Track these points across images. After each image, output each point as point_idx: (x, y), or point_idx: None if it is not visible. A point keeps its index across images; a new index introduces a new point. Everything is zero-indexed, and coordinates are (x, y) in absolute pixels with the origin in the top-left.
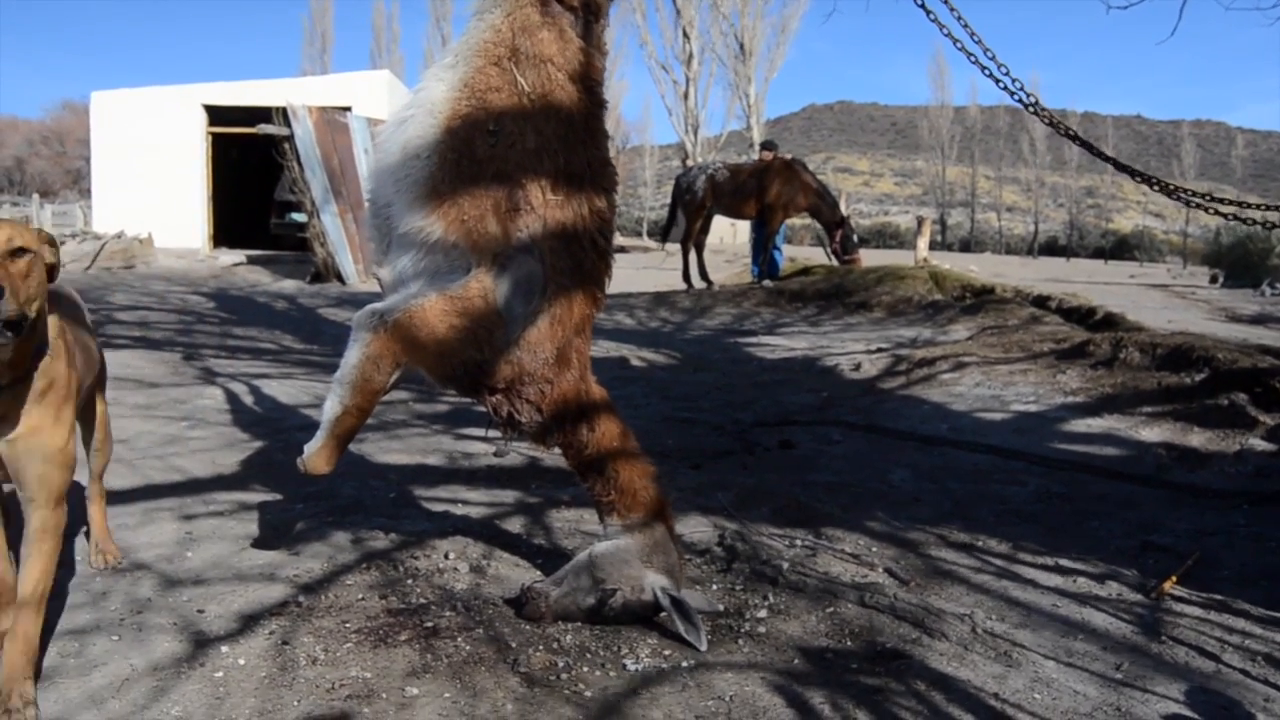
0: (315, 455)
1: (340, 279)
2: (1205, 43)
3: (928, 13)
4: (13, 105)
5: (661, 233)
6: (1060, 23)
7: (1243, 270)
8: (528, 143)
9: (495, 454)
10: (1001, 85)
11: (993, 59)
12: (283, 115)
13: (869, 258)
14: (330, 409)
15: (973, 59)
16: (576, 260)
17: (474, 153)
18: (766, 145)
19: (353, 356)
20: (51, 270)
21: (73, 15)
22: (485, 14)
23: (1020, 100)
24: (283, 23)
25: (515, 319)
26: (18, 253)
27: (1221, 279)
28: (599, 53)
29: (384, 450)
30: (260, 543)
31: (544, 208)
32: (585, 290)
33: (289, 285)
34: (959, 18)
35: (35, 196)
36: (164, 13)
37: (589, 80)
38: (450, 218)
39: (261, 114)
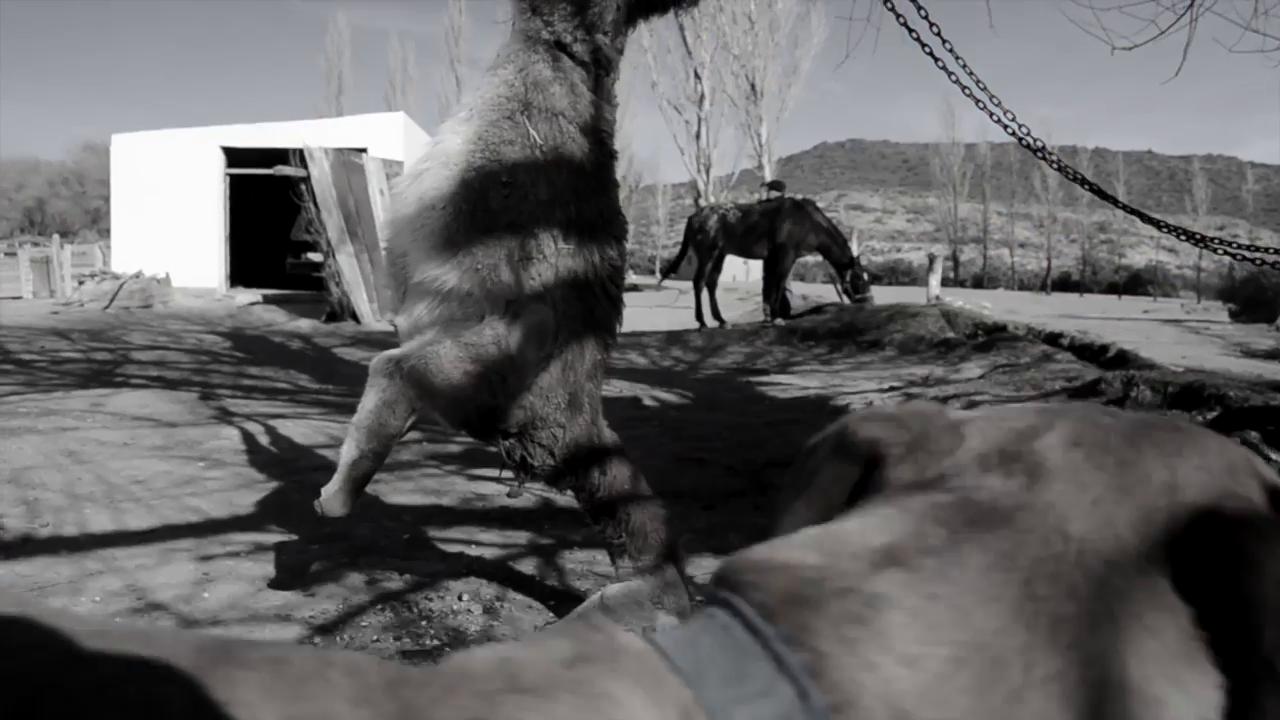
0: (332, 498)
1: (355, 318)
2: (1215, 80)
3: (935, 60)
4: (35, 146)
5: (667, 269)
6: (1070, 61)
7: (1257, 305)
8: (540, 194)
9: (508, 495)
10: (1010, 131)
11: (999, 105)
12: (299, 157)
13: (881, 295)
14: (348, 453)
15: (981, 106)
16: (588, 307)
17: (488, 204)
18: (774, 185)
19: (369, 402)
20: None
21: (94, 59)
22: (499, 69)
23: (1027, 144)
24: (299, 66)
25: (528, 365)
26: None
27: (1236, 314)
28: (609, 105)
29: (398, 491)
30: (276, 583)
31: (556, 256)
32: (597, 337)
33: (304, 324)
34: (963, 64)
35: (55, 236)
36: (183, 57)
37: (599, 132)
38: (465, 267)
39: (278, 155)
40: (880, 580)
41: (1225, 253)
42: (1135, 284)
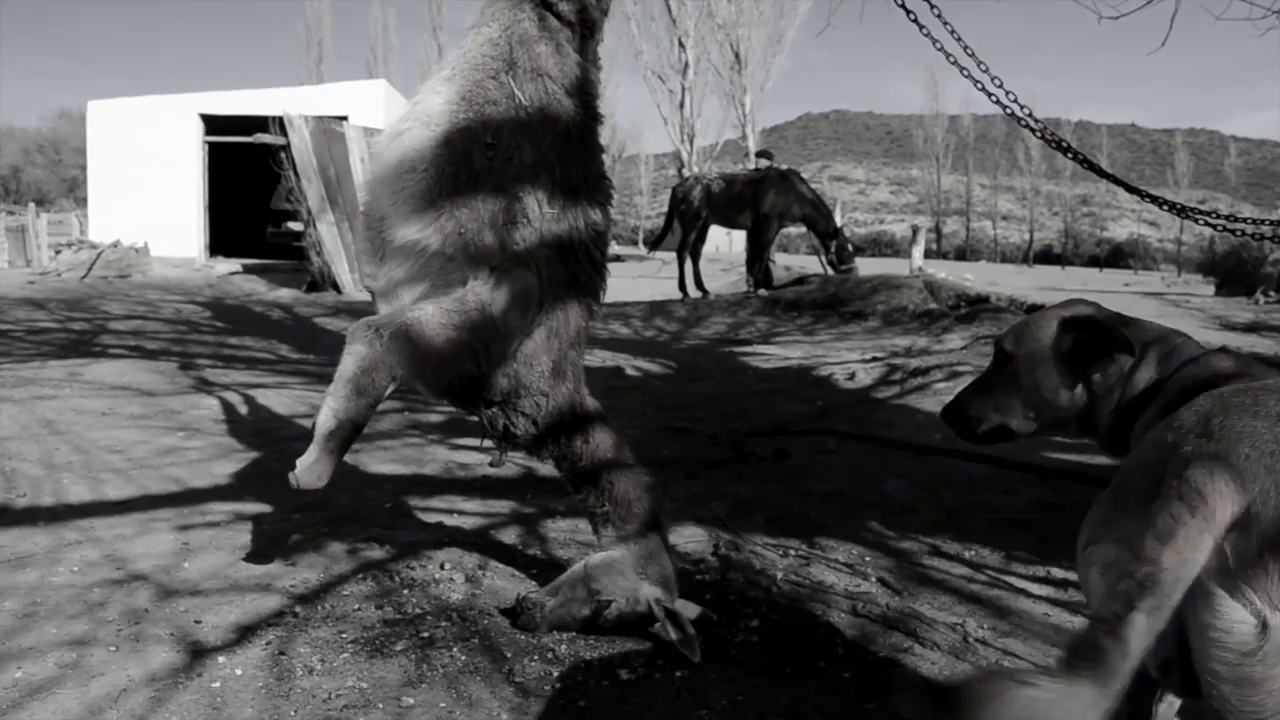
0: (308, 469)
1: (336, 288)
2: (1199, 52)
3: (920, 27)
4: (9, 113)
5: (654, 241)
6: (1055, 32)
7: (1236, 279)
8: (525, 156)
9: (490, 464)
10: (994, 99)
11: (986, 71)
12: (279, 124)
13: (864, 266)
14: (324, 422)
15: (965, 73)
16: (572, 273)
17: (471, 165)
18: (762, 154)
19: (347, 369)
20: None
21: (70, 24)
22: (482, 28)
23: (1013, 114)
24: (279, 32)
25: (512, 332)
26: None
27: (1221, 287)
28: (594, 67)
29: (379, 460)
30: (256, 553)
31: (540, 221)
32: (581, 303)
33: (285, 294)
34: (951, 31)
35: (31, 205)
36: (161, 22)
37: (585, 94)
38: (447, 230)
39: (258, 123)
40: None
41: (1205, 223)
42: (1116, 257)
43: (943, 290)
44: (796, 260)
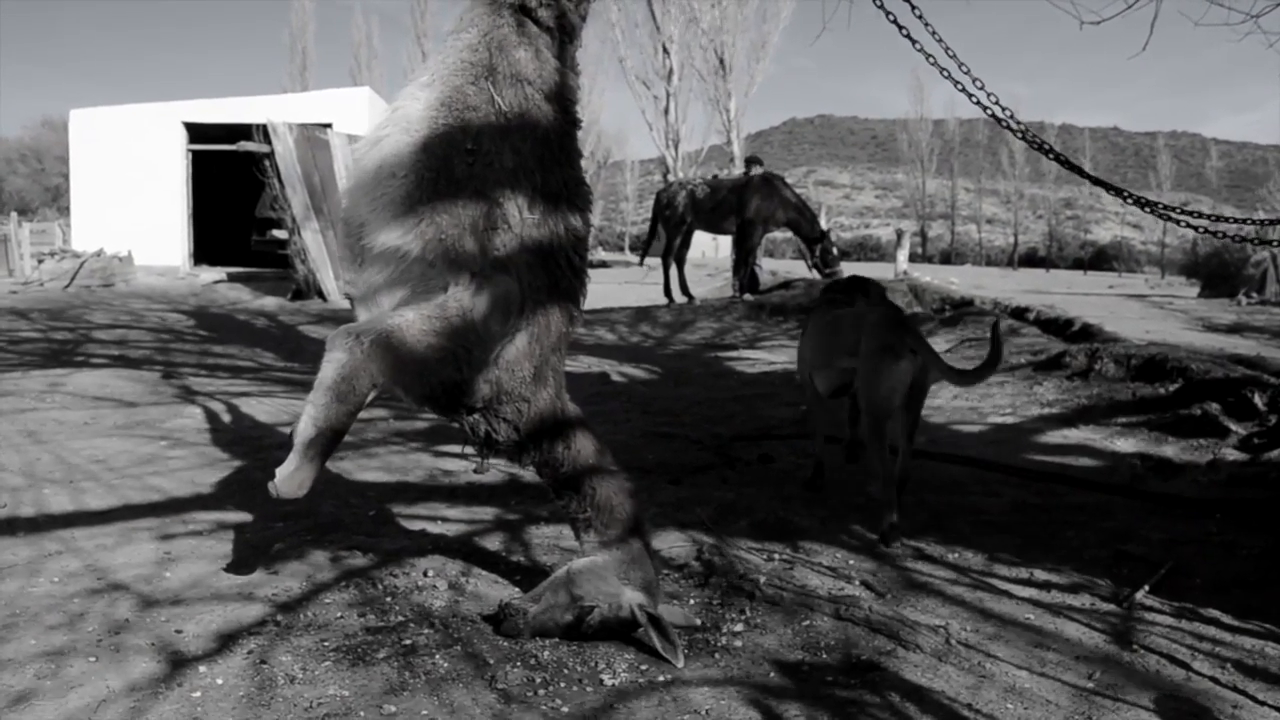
0: (288, 478)
1: (321, 296)
2: (1180, 56)
3: (901, 29)
4: None
5: (642, 248)
6: (1039, 36)
7: (1219, 280)
8: (505, 161)
9: (475, 471)
10: (975, 101)
11: (967, 73)
12: (263, 132)
13: (850, 270)
14: (303, 430)
15: (946, 74)
16: (553, 279)
17: (452, 171)
18: (751, 160)
19: (327, 376)
20: None
21: (52, 32)
22: (462, 34)
23: (995, 116)
24: (263, 40)
25: (493, 338)
26: None
27: (1199, 289)
28: (573, 73)
29: (363, 468)
30: (239, 562)
31: (521, 226)
32: (562, 309)
33: (269, 302)
34: (933, 33)
35: (13, 214)
36: (144, 30)
37: (564, 100)
38: (428, 236)
39: (242, 131)
40: None
41: (1188, 225)
42: (1100, 259)
43: (927, 294)
44: (783, 265)
